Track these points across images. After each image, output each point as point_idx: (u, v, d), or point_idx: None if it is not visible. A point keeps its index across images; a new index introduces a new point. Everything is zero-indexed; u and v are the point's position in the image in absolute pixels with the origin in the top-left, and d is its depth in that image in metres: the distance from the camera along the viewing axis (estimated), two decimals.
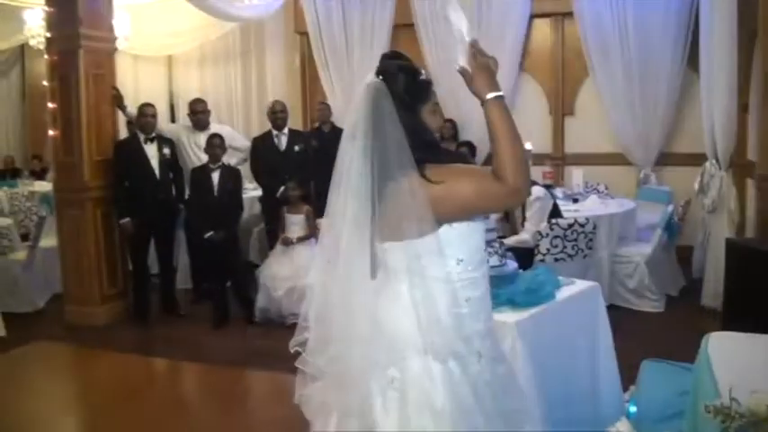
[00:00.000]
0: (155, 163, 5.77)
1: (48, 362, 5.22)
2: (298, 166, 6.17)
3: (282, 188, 5.96)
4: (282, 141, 6.36)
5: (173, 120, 8.80)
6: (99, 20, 5.76)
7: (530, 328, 2.84)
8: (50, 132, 5.92)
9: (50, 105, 5.84)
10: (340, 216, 1.87)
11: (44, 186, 8.39)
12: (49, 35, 5.82)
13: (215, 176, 5.72)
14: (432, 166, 1.83)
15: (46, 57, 5.92)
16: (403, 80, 1.88)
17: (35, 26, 7.95)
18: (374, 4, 7.76)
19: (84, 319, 5.72)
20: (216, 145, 5.76)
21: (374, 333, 1.85)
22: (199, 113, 6.45)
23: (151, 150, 5.78)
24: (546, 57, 7.55)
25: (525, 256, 4.42)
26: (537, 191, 4.94)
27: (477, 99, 1.84)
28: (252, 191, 7.07)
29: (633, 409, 2.81)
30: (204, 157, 5.88)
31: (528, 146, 3.86)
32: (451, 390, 1.83)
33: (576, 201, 6.14)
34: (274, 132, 6.37)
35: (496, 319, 2.07)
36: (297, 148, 6.33)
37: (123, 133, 6.29)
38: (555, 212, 5.08)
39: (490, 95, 1.80)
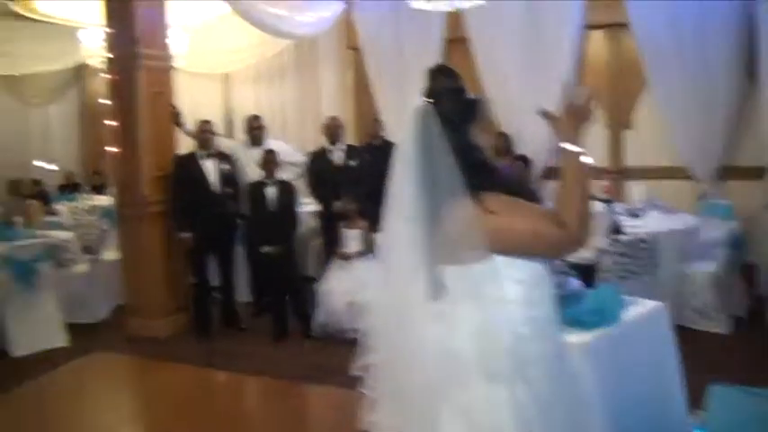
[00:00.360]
0: (213, 178, 5.88)
1: (109, 372, 5.37)
2: (353, 180, 6.17)
3: (337, 203, 5.99)
4: (337, 156, 6.39)
5: (229, 136, 8.95)
6: (155, 39, 5.91)
7: (595, 349, 2.78)
8: (109, 149, 6.07)
9: (110, 123, 5.99)
10: (394, 237, 1.87)
11: (103, 201, 8.61)
12: (110, 55, 5.96)
13: (270, 191, 5.81)
14: (487, 195, 1.80)
15: (105, 75, 6.08)
16: (450, 101, 1.87)
17: (94, 46, 8.14)
18: (426, 19, 7.72)
19: (145, 331, 5.83)
20: (270, 160, 5.85)
21: (437, 357, 1.83)
22: (255, 130, 6.57)
23: (210, 166, 5.90)
24: (601, 69, 7.39)
25: (587, 273, 4.33)
26: (595, 205, 4.86)
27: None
28: (308, 205, 7.12)
29: None
30: (260, 173, 5.96)
31: (589, 159, 3.78)
32: (517, 411, 1.79)
33: (636, 216, 5.98)
34: (329, 147, 6.42)
35: None
36: (352, 162, 6.36)
37: (184, 149, 6.41)
38: (616, 228, 4.98)
39: (570, 149, 1.81)
